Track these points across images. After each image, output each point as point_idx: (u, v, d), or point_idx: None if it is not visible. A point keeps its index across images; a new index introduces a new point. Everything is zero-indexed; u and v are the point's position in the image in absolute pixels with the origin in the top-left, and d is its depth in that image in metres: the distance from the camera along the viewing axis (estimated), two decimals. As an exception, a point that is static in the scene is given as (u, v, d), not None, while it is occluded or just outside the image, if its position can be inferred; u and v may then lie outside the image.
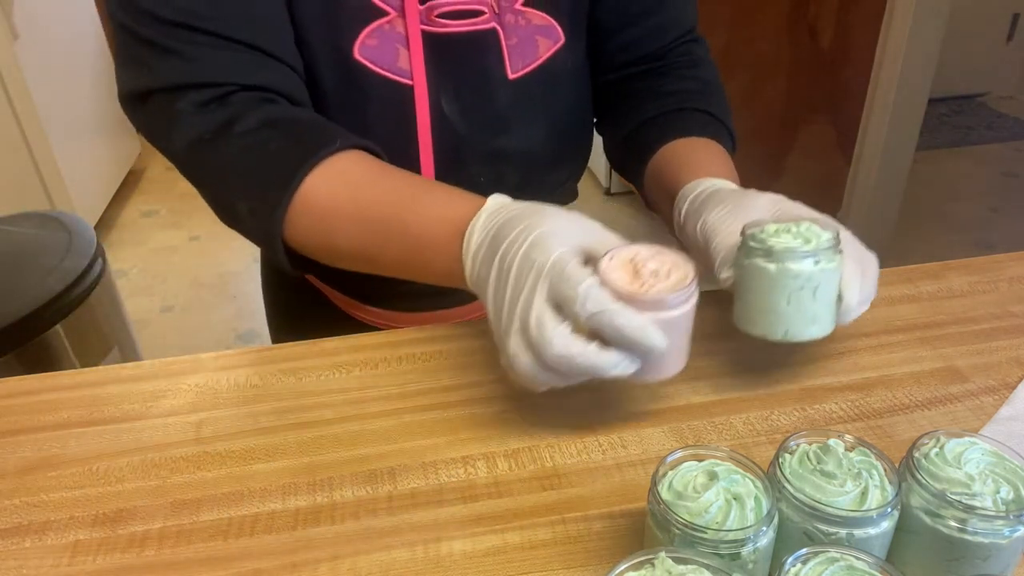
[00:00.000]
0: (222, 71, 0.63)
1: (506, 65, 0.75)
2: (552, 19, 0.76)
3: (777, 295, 0.58)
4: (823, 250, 0.57)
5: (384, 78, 0.71)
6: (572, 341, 0.52)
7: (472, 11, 0.72)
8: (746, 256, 0.60)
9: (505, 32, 0.74)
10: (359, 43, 0.69)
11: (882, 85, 2.51)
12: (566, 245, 0.54)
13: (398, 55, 0.71)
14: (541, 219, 0.56)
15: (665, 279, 0.54)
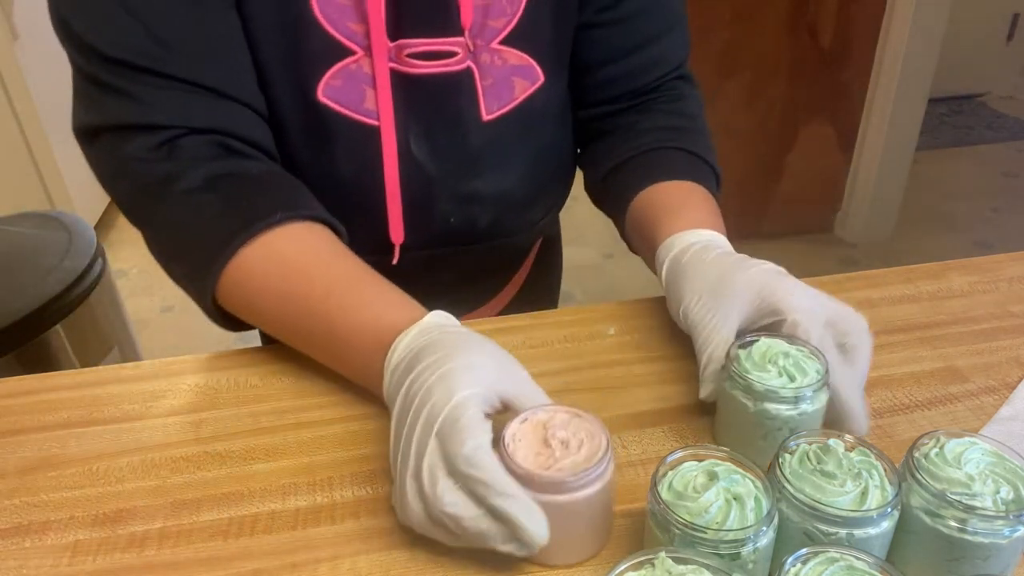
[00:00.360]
0: (171, 113, 0.61)
1: (480, 107, 0.72)
2: (531, 58, 0.73)
3: (752, 431, 0.56)
4: (805, 391, 0.54)
5: (349, 119, 0.69)
6: (463, 502, 0.46)
7: (445, 52, 0.69)
8: (728, 382, 0.57)
9: (480, 72, 0.71)
10: (323, 84, 0.67)
11: (882, 85, 2.52)
12: (474, 387, 0.49)
13: (364, 96, 0.69)
14: (460, 352, 0.51)
15: (575, 451, 0.49)
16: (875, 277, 0.82)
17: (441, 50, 0.69)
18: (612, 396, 0.67)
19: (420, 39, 0.68)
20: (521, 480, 0.48)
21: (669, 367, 0.70)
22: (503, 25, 0.71)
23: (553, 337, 0.74)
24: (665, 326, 0.75)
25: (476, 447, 0.46)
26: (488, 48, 0.71)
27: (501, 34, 0.71)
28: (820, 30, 2.44)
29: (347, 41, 0.67)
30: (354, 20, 0.66)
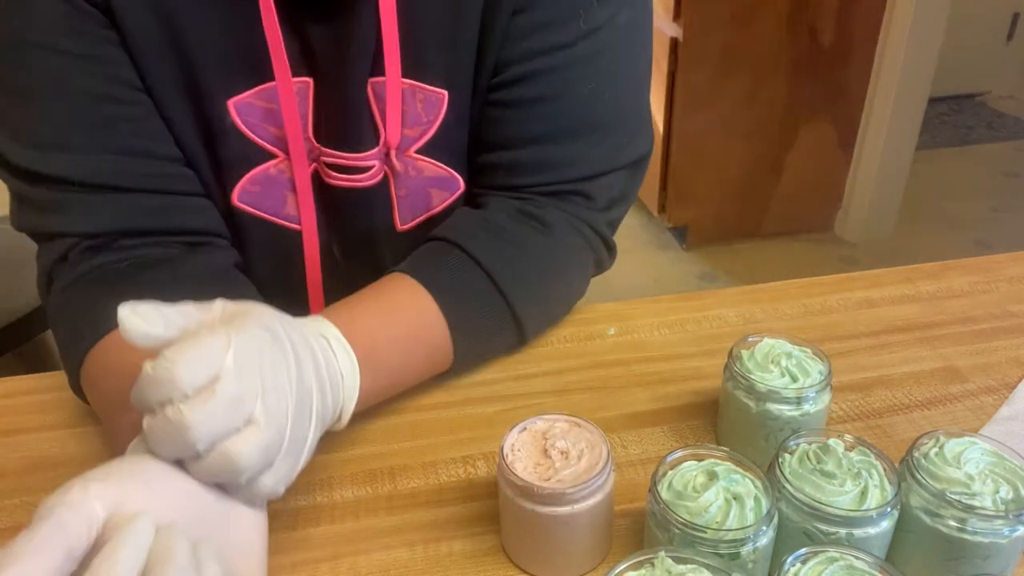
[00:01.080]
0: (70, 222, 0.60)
1: (395, 217, 0.70)
2: (450, 168, 0.69)
3: (755, 431, 0.56)
4: (808, 392, 0.54)
5: (269, 223, 0.68)
6: None
7: (360, 167, 0.67)
8: (730, 382, 0.57)
9: (396, 182, 0.69)
10: (239, 188, 0.67)
11: (882, 85, 2.51)
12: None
13: (285, 201, 0.68)
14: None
15: (576, 462, 0.49)
16: (875, 277, 0.82)
17: (356, 165, 0.67)
18: (611, 396, 0.67)
19: (336, 152, 0.66)
20: (521, 492, 0.48)
21: (669, 367, 0.70)
22: (418, 134, 0.67)
23: (553, 337, 0.74)
24: (665, 326, 0.75)
25: None
26: (403, 158, 0.67)
27: (416, 143, 0.67)
28: (820, 30, 2.44)
29: (268, 145, 0.66)
30: (274, 125, 0.65)
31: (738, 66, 2.46)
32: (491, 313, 0.65)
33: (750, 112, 2.55)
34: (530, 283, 0.66)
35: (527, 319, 0.67)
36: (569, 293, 0.73)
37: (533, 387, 0.68)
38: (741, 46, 2.43)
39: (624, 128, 0.69)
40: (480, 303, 0.64)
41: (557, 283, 0.70)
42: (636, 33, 0.68)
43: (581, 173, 0.67)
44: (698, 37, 2.39)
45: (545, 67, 0.64)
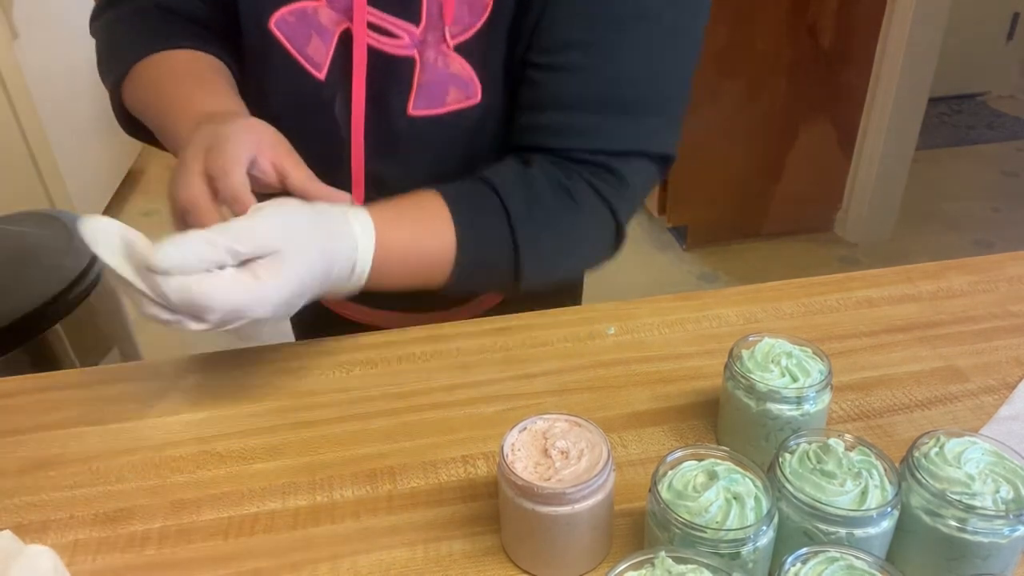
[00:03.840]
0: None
1: (409, 99, 0.70)
2: (474, 73, 0.69)
3: (755, 431, 0.56)
4: (808, 391, 0.54)
5: (293, 60, 0.70)
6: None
7: (395, 32, 0.68)
8: (730, 382, 0.57)
9: (421, 66, 0.69)
10: (278, 16, 0.69)
11: (882, 85, 2.51)
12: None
13: (309, 41, 0.69)
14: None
15: (576, 461, 0.49)
16: (875, 277, 0.82)
17: (392, 30, 0.68)
18: (611, 396, 0.67)
19: (379, 11, 0.68)
20: (521, 492, 0.48)
21: (669, 367, 0.70)
22: (459, 31, 0.68)
23: (553, 337, 0.74)
24: (665, 326, 0.75)
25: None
26: (436, 46, 0.69)
27: (454, 39, 0.69)
28: (820, 30, 2.44)
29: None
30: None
31: (738, 66, 2.46)
32: (499, 267, 0.68)
33: (750, 112, 2.55)
34: (545, 253, 0.69)
35: (528, 276, 0.69)
36: (577, 266, 0.78)
37: (533, 387, 0.68)
38: (741, 46, 2.43)
39: (661, 115, 0.70)
40: (494, 252, 0.67)
41: (569, 258, 0.74)
42: (684, 35, 0.73)
43: (614, 146, 0.69)
44: (698, 37, 2.38)
45: (591, 38, 0.66)
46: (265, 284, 0.52)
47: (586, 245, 0.74)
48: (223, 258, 0.51)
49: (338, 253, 0.57)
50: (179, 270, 0.50)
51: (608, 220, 0.71)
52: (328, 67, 0.70)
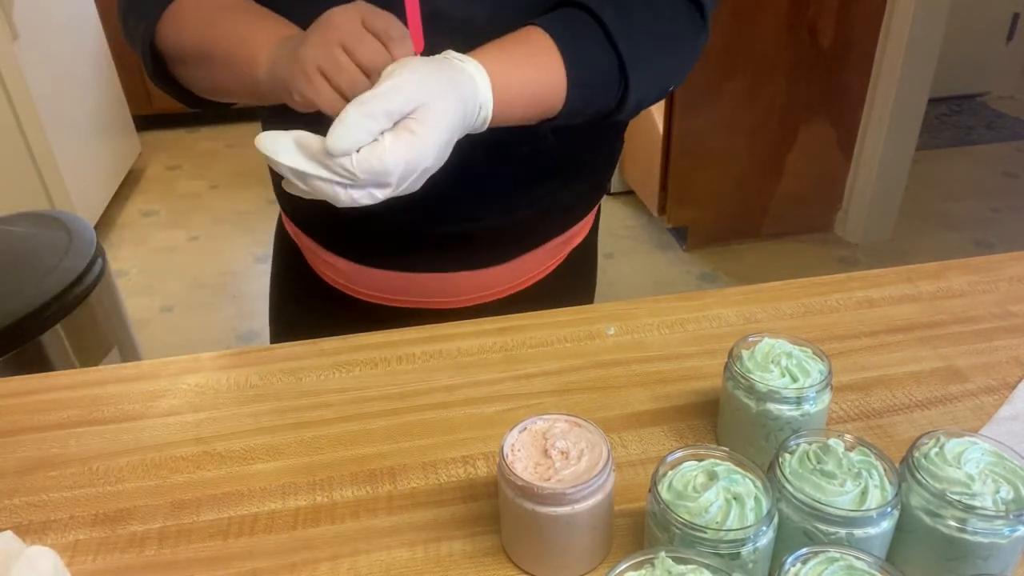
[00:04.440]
0: None
1: None
2: None
3: (755, 431, 0.56)
4: (808, 392, 0.54)
5: None
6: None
7: None
8: (730, 382, 0.57)
9: None
10: None
11: (882, 85, 2.51)
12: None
13: None
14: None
15: (576, 462, 0.49)
16: (875, 277, 0.82)
17: None
18: (611, 396, 0.67)
19: None
20: (521, 492, 0.48)
21: (669, 367, 0.70)
22: None
23: (553, 337, 0.74)
24: (665, 326, 0.75)
25: None
26: None
27: None
28: (820, 30, 2.44)
29: None
30: None
31: (738, 66, 2.46)
32: (606, 79, 0.69)
33: (750, 112, 2.55)
34: (645, 57, 0.70)
35: (633, 83, 0.70)
36: (674, 63, 0.76)
37: (533, 387, 0.68)
38: (741, 46, 2.43)
39: None
40: (601, 70, 0.68)
41: (669, 58, 0.74)
42: None
43: None
44: (698, 37, 2.38)
45: None
46: (424, 135, 0.55)
47: (680, 40, 0.75)
48: (383, 123, 0.55)
49: (467, 94, 0.60)
50: (354, 146, 0.54)
51: (692, 11, 0.73)
52: None
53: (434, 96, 0.57)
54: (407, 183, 0.57)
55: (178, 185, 3.25)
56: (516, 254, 0.84)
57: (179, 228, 2.99)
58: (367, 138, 0.54)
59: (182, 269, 2.75)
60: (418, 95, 0.56)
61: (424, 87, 0.56)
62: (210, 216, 2.98)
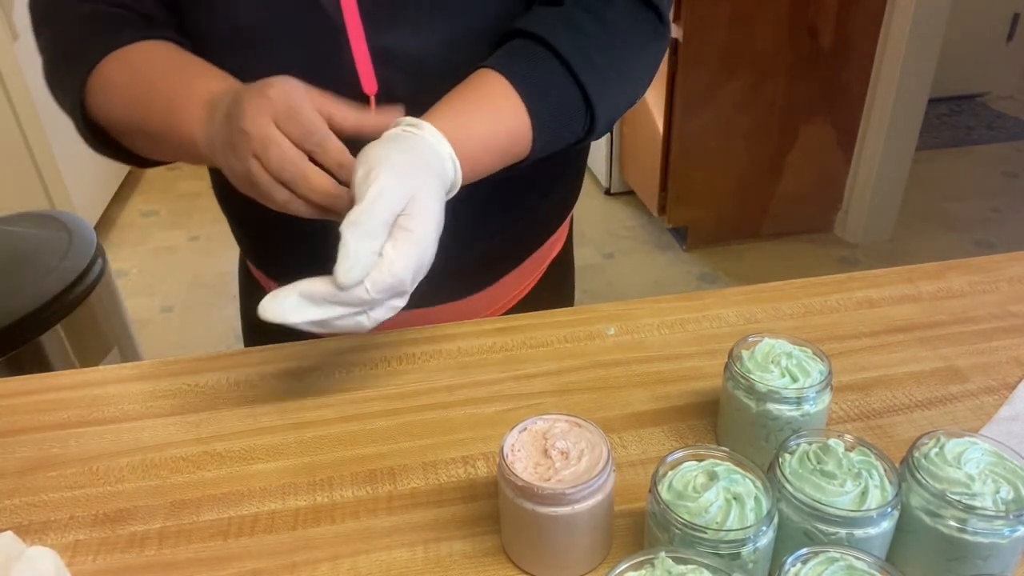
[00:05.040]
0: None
1: None
2: None
3: (755, 432, 0.56)
4: (808, 392, 0.54)
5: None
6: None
7: None
8: (730, 382, 0.57)
9: None
10: None
11: (882, 85, 2.52)
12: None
13: None
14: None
15: (576, 462, 0.49)
16: (875, 277, 0.82)
17: None
18: (612, 396, 0.67)
19: None
20: (521, 492, 0.48)
21: (669, 367, 0.70)
22: None
23: (553, 337, 0.74)
24: (665, 326, 0.75)
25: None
26: None
27: None
28: (820, 30, 2.44)
29: None
30: None
31: (738, 66, 2.46)
32: (571, 112, 0.67)
33: (750, 112, 2.55)
34: (608, 79, 0.68)
35: (600, 111, 0.68)
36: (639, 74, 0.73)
37: (533, 387, 0.68)
38: (741, 46, 2.43)
39: None
40: (565, 104, 0.66)
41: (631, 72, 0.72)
42: None
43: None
44: (698, 37, 2.39)
45: None
46: (422, 231, 0.54)
47: (642, 52, 0.72)
48: (383, 237, 0.53)
49: (440, 168, 0.58)
50: (365, 275, 0.53)
51: (646, 12, 0.71)
52: None
53: (417, 186, 0.55)
54: (421, 278, 0.56)
55: (178, 185, 3.25)
56: (499, 276, 0.83)
57: (179, 228, 2.99)
58: (374, 259, 0.53)
59: (182, 269, 2.75)
60: (404, 192, 0.54)
61: (406, 181, 0.54)
62: (210, 216, 2.98)
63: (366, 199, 0.52)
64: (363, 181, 0.53)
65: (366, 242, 0.52)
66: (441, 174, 0.58)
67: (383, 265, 0.53)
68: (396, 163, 0.54)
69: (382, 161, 0.54)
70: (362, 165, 0.55)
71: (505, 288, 0.85)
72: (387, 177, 0.53)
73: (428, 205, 0.55)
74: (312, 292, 0.54)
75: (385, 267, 0.53)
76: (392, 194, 0.53)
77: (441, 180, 0.57)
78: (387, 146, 0.56)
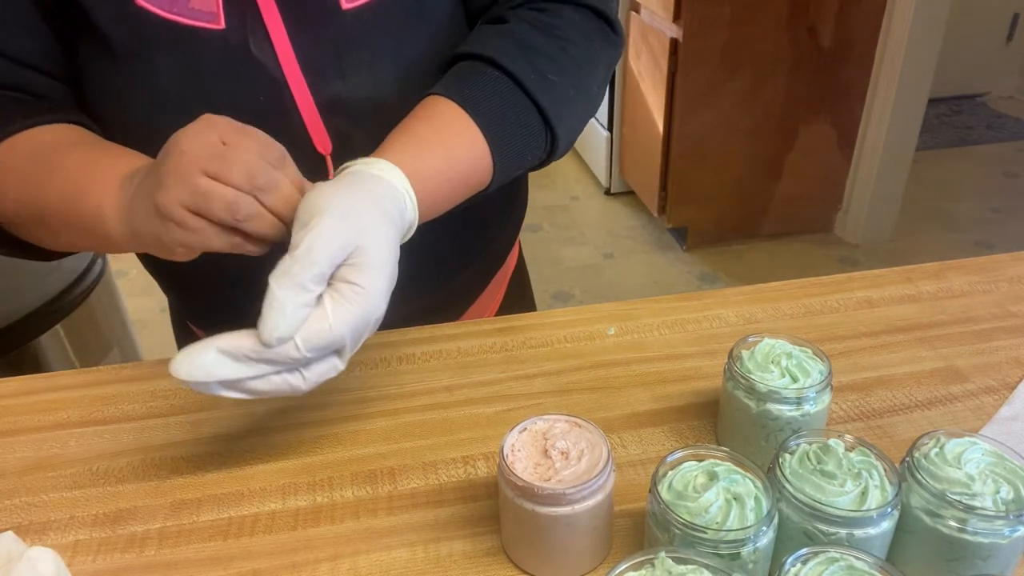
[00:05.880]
0: None
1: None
2: None
3: (755, 432, 0.56)
4: (808, 392, 0.54)
5: (178, 27, 0.58)
6: None
7: None
8: (730, 382, 0.57)
9: None
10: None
11: (882, 85, 2.52)
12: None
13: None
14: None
15: (576, 462, 0.49)
16: (875, 277, 0.82)
17: None
18: (612, 396, 0.67)
19: None
20: (521, 492, 0.48)
21: (669, 367, 0.70)
22: None
23: (553, 337, 0.74)
24: (665, 326, 0.75)
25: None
26: None
27: None
28: (820, 30, 2.44)
29: None
30: None
31: (738, 66, 2.46)
32: (530, 134, 0.64)
33: (750, 112, 2.55)
34: (565, 96, 0.65)
35: (561, 131, 0.65)
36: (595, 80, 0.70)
37: (533, 387, 0.68)
38: (741, 46, 2.43)
39: None
40: (522, 126, 0.63)
41: (588, 90, 0.68)
42: None
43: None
44: (698, 37, 2.39)
45: None
46: (367, 284, 0.49)
47: (596, 67, 0.69)
48: (316, 289, 0.48)
49: (393, 210, 0.53)
50: (293, 331, 0.47)
51: (596, 21, 0.68)
52: (222, 10, 0.59)
53: (363, 233, 0.49)
54: (370, 332, 0.51)
55: (178, 185, 3.24)
56: (468, 305, 0.83)
57: (179, 228, 2.98)
58: (305, 313, 0.47)
59: (182, 269, 2.75)
60: (346, 240, 0.48)
61: (349, 227, 0.48)
62: (210, 216, 2.97)
63: (300, 247, 0.47)
64: (302, 227, 0.48)
65: (296, 295, 0.47)
66: (395, 216, 0.52)
67: (317, 320, 0.47)
68: (339, 206, 0.49)
69: (324, 204, 0.49)
70: (304, 208, 0.49)
71: (473, 314, 0.85)
72: (327, 223, 0.48)
73: (376, 255, 0.49)
74: (234, 348, 0.48)
75: (319, 323, 0.47)
76: (330, 243, 0.47)
77: (395, 223, 0.52)
78: (333, 187, 0.51)
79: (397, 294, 0.52)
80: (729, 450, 0.49)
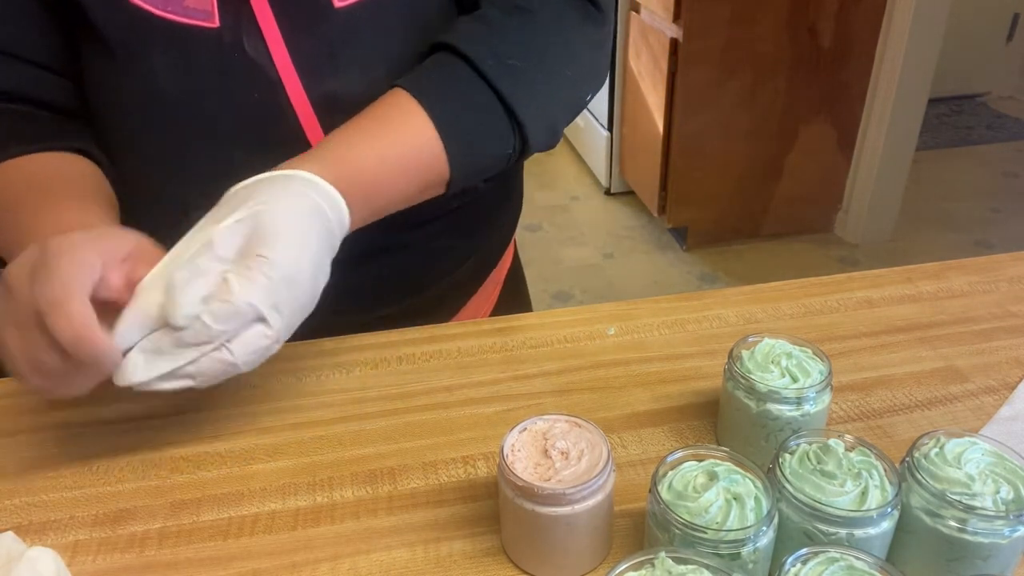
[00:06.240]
0: None
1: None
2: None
3: (755, 432, 0.56)
4: (808, 392, 0.54)
5: (174, 25, 0.59)
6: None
7: None
8: (730, 382, 0.57)
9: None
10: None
11: (882, 85, 2.52)
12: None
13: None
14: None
15: (576, 462, 0.49)
16: (875, 277, 0.82)
17: None
18: (612, 396, 0.67)
19: None
20: (521, 492, 0.48)
21: (669, 367, 0.70)
22: None
23: (553, 337, 0.74)
24: (665, 326, 0.75)
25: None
26: None
27: None
28: (820, 30, 2.44)
29: None
30: None
31: (738, 66, 2.46)
32: (491, 123, 0.62)
33: (750, 112, 2.55)
34: (533, 82, 0.62)
35: (527, 118, 0.62)
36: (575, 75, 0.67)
37: (533, 387, 0.68)
38: (741, 46, 2.43)
39: None
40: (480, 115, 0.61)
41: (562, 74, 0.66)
42: None
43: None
44: (698, 37, 2.39)
45: None
46: (270, 253, 0.49)
47: (575, 45, 0.66)
48: (211, 266, 0.49)
49: (294, 184, 0.53)
50: (192, 305, 0.48)
51: (580, 4, 0.66)
52: (217, 9, 0.59)
53: (260, 211, 0.50)
54: (297, 301, 0.52)
55: (178, 185, 3.24)
56: (461, 304, 0.83)
57: (179, 228, 2.99)
58: (202, 286, 0.49)
59: (182, 269, 2.75)
60: (240, 216, 0.50)
61: (241, 205, 0.50)
62: (210, 216, 2.97)
63: (193, 229, 0.51)
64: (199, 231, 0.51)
65: (192, 275, 0.49)
66: (299, 190, 0.53)
67: (223, 293, 0.48)
68: (228, 195, 0.52)
69: (213, 212, 0.52)
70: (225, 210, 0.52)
71: (468, 314, 0.85)
72: (215, 212, 0.51)
73: (276, 223, 0.50)
74: (155, 344, 0.50)
75: (224, 294, 0.48)
76: (224, 232, 0.50)
77: (299, 195, 0.52)
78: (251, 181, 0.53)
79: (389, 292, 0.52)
80: (729, 450, 0.49)
